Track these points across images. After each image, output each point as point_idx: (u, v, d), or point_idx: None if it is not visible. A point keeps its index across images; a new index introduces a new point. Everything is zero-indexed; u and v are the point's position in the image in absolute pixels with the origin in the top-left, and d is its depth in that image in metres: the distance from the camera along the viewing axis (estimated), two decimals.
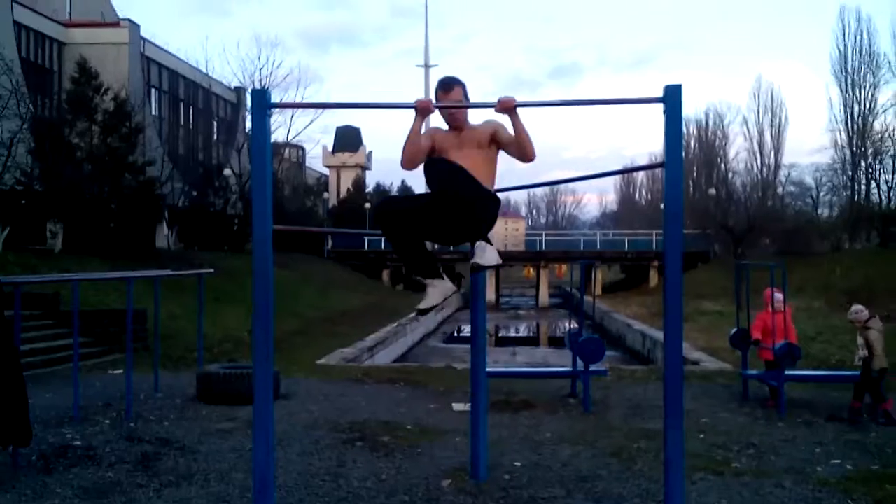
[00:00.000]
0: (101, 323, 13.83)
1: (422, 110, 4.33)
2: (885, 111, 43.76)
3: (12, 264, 18.49)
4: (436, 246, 4.58)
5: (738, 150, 59.30)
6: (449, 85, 4.54)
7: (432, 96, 4.55)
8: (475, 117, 4.70)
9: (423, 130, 4.47)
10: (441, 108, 4.49)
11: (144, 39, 40.24)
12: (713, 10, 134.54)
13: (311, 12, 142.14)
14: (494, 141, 4.51)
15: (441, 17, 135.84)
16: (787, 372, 9.15)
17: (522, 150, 4.40)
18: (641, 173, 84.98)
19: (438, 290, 4.35)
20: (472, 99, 4.71)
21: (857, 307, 9.21)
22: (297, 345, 17.29)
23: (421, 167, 4.44)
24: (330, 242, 49.45)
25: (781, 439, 7.62)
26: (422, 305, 4.38)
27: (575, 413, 9.02)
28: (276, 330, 4.68)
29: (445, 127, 4.68)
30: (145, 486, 5.80)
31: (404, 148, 4.40)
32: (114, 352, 13.35)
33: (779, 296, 9.62)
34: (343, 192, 61.42)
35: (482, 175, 4.36)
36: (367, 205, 52.36)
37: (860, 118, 44.60)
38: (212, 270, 13.32)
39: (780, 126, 56.33)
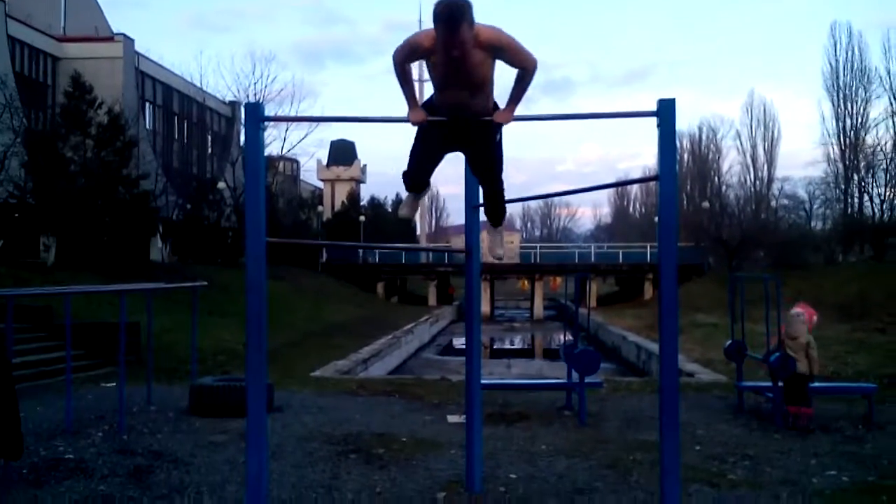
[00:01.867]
0: (94, 336, 13.74)
1: (416, 124, 4.32)
2: (876, 125, 44.18)
3: (5, 277, 18.41)
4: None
5: (731, 164, 59.86)
6: (456, 21, 3.68)
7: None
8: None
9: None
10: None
11: (139, 54, 40.33)
12: (705, 27, 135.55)
13: (306, 27, 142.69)
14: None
15: None
16: (782, 383, 9.13)
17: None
18: (635, 186, 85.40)
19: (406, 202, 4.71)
20: None
21: (799, 310, 9.22)
22: (291, 357, 17.22)
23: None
24: (324, 255, 49.43)
25: (777, 451, 7.60)
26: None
27: (570, 425, 8.99)
28: (269, 342, 4.66)
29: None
30: (137, 500, 5.75)
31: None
32: (106, 365, 13.26)
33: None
34: (337, 206, 61.47)
35: (487, 92, 4.19)
36: (362, 218, 52.39)
37: (852, 132, 44.98)
38: (205, 283, 13.28)
39: (772, 140, 56.91)
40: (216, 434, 8.06)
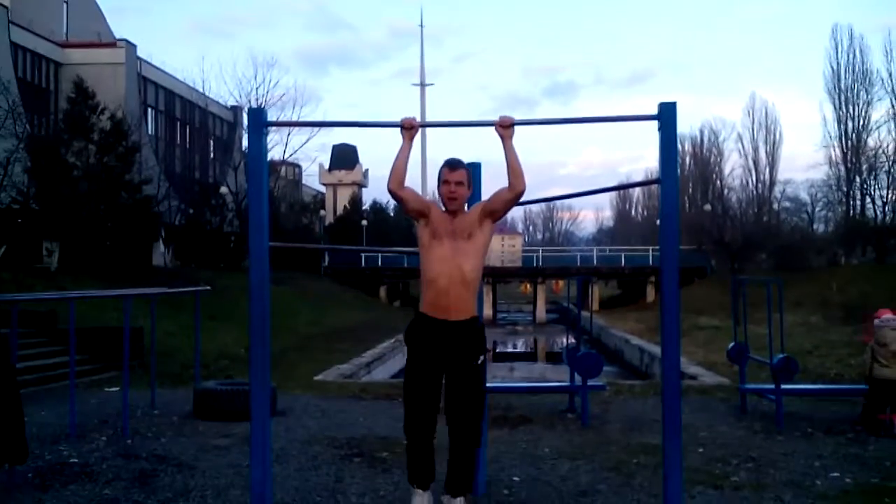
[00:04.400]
0: (97, 340, 13.75)
1: (407, 127, 4.39)
2: (878, 128, 44.15)
3: (8, 283, 18.44)
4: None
5: (733, 167, 59.83)
6: (455, 165, 4.54)
7: (421, 116, 4.55)
8: (477, 133, 4.70)
9: (410, 148, 4.51)
10: (440, 184, 4.53)
11: (141, 59, 40.46)
12: (707, 29, 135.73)
13: (310, 33, 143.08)
14: (485, 214, 4.48)
15: (439, 38, 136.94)
16: (784, 386, 9.15)
17: (515, 177, 4.37)
18: (637, 189, 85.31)
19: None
20: (471, 118, 4.72)
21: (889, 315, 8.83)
22: (294, 361, 17.23)
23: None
24: (327, 259, 49.44)
25: (780, 453, 7.60)
26: None
27: (573, 428, 9.00)
28: (272, 346, 4.69)
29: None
30: (142, 503, 5.77)
31: (392, 166, 4.43)
32: (110, 369, 13.30)
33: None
34: (339, 210, 61.56)
35: (475, 266, 4.46)
36: (364, 222, 52.43)
37: (854, 135, 44.95)
38: (208, 288, 13.32)
39: (774, 142, 56.89)
40: (220, 438, 8.07)
